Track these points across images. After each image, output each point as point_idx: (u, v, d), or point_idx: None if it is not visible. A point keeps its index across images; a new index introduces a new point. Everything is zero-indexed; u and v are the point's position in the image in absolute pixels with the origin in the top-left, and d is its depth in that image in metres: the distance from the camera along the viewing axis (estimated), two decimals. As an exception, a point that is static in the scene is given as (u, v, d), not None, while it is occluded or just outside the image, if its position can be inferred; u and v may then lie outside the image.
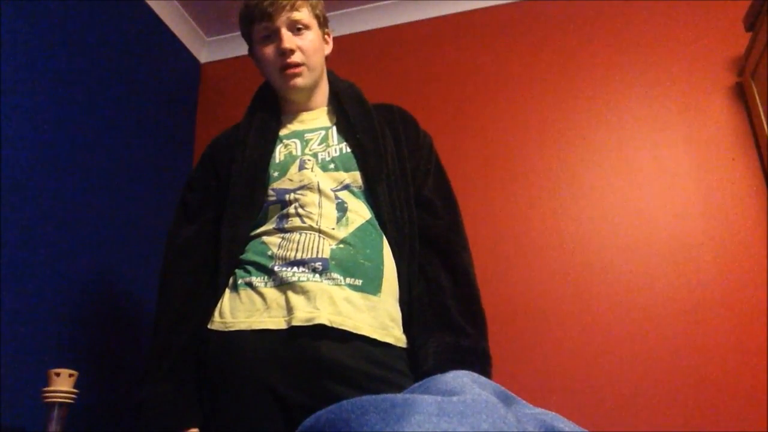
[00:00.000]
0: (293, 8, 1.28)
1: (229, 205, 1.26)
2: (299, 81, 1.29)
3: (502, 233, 2.03)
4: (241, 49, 2.78)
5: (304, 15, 1.30)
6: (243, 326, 1.13)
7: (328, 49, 1.39)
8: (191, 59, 2.59)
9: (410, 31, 2.43)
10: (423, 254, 1.26)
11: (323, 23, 1.37)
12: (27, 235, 1.60)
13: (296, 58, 1.28)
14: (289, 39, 1.27)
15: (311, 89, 1.35)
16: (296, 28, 1.29)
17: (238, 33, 1.43)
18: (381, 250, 1.21)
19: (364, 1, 2.46)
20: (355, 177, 1.25)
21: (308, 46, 1.30)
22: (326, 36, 1.39)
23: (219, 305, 1.19)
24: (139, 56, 2.21)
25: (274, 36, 1.29)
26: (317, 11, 1.34)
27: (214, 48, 2.66)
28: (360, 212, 1.23)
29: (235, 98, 2.41)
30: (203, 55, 2.67)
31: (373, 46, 2.45)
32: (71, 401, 1.39)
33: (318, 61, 1.33)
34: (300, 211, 1.20)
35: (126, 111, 2.09)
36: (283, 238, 1.19)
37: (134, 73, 2.16)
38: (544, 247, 1.98)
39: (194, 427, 1.14)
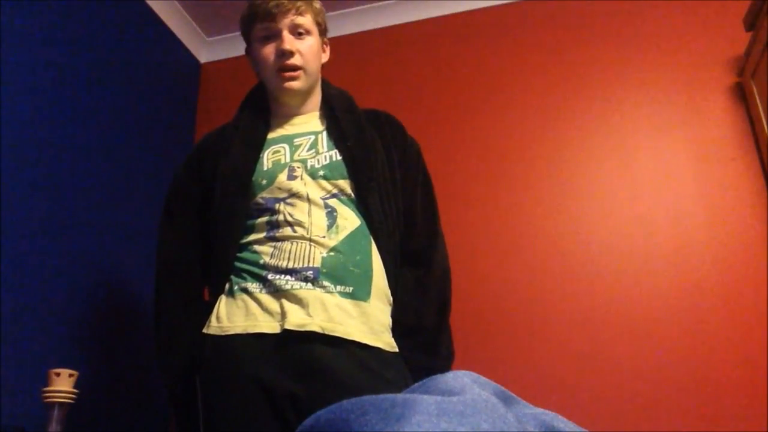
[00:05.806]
0: (298, 12, 1.29)
1: (216, 218, 1.27)
2: (295, 84, 1.30)
3: (503, 233, 2.03)
4: (241, 49, 2.79)
5: (306, 20, 1.31)
6: (239, 330, 1.15)
7: (325, 57, 1.40)
8: (191, 59, 2.59)
9: (410, 31, 2.43)
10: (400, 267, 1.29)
11: (323, 31, 1.38)
12: (27, 234, 1.60)
13: (295, 61, 1.29)
14: (290, 41, 1.28)
15: (305, 94, 1.35)
16: (298, 32, 1.30)
17: (238, 33, 1.43)
18: (370, 255, 1.22)
19: (364, 1, 2.46)
20: (344, 185, 1.26)
21: (308, 50, 1.31)
22: (324, 44, 1.40)
23: (216, 310, 1.21)
24: (139, 56, 2.21)
25: (275, 37, 1.29)
26: (319, 19, 1.35)
27: (214, 48, 2.66)
28: (350, 219, 1.24)
29: (235, 98, 2.35)
30: (203, 55, 2.66)
31: (373, 46, 2.45)
32: (71, 401, 1.39)
33: (315, 67, 1.34)
34: (290, 219, 1.21)
35: (126, 111, 2.09)
36: (275, 248, 1.20)
37: (134, 73, 2.16)
38: (544, 247, 1.98)
39: None
